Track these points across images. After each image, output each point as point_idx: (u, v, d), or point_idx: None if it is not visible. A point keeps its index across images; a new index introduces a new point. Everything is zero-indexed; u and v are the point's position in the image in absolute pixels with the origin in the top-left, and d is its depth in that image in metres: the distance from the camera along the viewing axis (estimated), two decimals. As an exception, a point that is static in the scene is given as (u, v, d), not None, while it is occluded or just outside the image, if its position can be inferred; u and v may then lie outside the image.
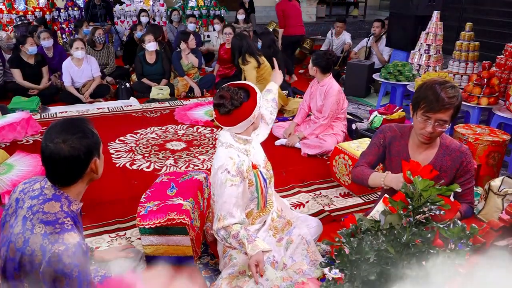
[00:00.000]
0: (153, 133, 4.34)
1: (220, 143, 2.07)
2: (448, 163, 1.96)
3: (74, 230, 1.35)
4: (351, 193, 3.14)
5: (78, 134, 1.38)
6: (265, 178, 2.14)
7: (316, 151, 3.74)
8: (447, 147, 1.97)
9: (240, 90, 1.97)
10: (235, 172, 1.97)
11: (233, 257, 2.04)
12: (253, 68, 4.81)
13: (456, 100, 1.81)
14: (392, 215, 1.17)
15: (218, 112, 1.97)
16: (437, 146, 1.99)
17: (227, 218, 1.98)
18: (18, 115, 4.03)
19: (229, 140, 2.04)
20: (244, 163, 2.02)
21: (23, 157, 3.35)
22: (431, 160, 1.99)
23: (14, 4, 8.16)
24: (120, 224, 2.70)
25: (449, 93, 1.80)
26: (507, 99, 3.70)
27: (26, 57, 5.22)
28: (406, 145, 2.05)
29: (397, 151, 2.07)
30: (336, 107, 3.76)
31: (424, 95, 1.84)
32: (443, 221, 1.18)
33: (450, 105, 1.79)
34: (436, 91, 1.80)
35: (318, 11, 11.90)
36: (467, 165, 1.96)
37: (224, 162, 1.98)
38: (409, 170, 1.43)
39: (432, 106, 1.81)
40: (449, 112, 1.81)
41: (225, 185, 1.96)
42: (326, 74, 3.79)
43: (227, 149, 2.03)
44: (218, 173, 1.98)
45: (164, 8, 9.18)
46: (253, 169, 2.07)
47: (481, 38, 5.17)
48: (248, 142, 2.07)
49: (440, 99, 1.79)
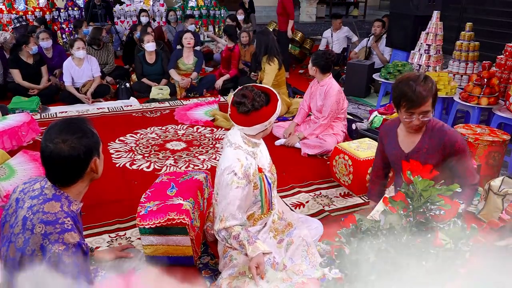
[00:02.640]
0: (153, 133, 4.34)
1: (229, 143, 2.07)
2: (433, 144, 2.07)
3: (74, 230, 1.35)
4: (351, 193, 3.14)
5: (78, 134, 1.38)
6: (270, 182, 2.14)
7: (316, 151, 3.74)
8: (431, 130, 2.09)
9: (262, 93, 1.98)
10: (241, 175, 1.98)
11: (234, 258, 2.04)
12: (274, 70, 4.67)
13: (432, 90, 1.94)
14: (392, 215, 1.17)
15: (236, 110, 1.97)
16: (423, 130, 2.11)
17: (229, 219, 1.98)
18: (19, 117, 4.01)
19: (239, 141, 2.04)
20: (252, 166, 2.03)
21: (26, 162, 3.33)
22: (416, 144, 2.12)
23: (14, 4, 8.16)
24: (120, 224, 2.70)
25: (424, 86, 1.92)
26: (507, 99, 3.70)
27: (25, 57, 5.22)
28: (395, 134, 2.21)
29: (389, 141, 2.24)
30: (336, 107, 3.76)
31: (402, 94, 1.96)
32: (443, 221, 1.18)
33: (428, 97, 1.93)
34: (412, 88, 1.92)
35: (318, 11, 11.90)
36: (454, 145, 2.04)
37: (232, 164, 1.98)
38: (409, 170, 1.43)
39: (413, 103, 1.94)
40: (429, 102, 1.94)
41: (230, 186, 1.96)
42: (326, 74, 3.79)
43: (235, 150, 2.02)
44: (225, 174, 1.98)
45: (164, 8, 9.19)
46: (259, 172, 2.07)
47: (481, 38, 5.16)
48: (256, 146, 2.08)
49: (418, 94, 1.92)
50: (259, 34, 4.91)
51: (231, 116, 2.01)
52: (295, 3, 12.40)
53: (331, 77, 3.81)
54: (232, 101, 1.99)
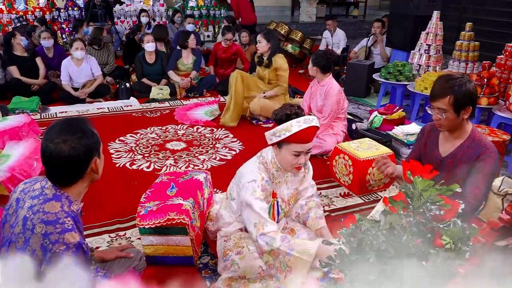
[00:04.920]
0: (153, 133, 4.34)
1: (259, 154, 2.09)
2: (469, 153, 2.05)
3: (74, 230, 1.35)
4: (351, 193, 3.14)
5: (78, 134, 1.38)
6: (279, 210, 2.14)
7: (316, 151, 3.74)
8: (473, 140, 2.07)
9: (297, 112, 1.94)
10: (261, 188, 1.98)
11: (235, 263, 2.03)
12: (287, 69, 4.61)
13: (449, 89, 1.93)
14: (392, 215, 1.17)
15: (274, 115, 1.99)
16: (465, 138, 2.09)
17: (267, 225, 1.96)
18: (20, 118, 4.00)
19: (267, 157, 2.05)
20: (269, 186, 2.03)
21: (16, 144, 3.34)
22: (454, 149, 2.11)
23: (14, 4, 8.16)
24: (120, 224, 2.70)
25: (443, 83, 1.95)
26: (507, 99, 3.70)
27: (19, 51, 5.27)
28: (437, 135, 2.21)
29: (431, 140, 2.23)
30: (336, 107, 3.76)
31: (432, 87, 2.03)
32: (443, 221, 1.18)
33: (442, 94, 1.94)
34: (436, 82, 1.98)
35: (318, 11, 11.89)
36: (485, 159, 2.01)
37: (253, 174, 1.99)
38: (409, 170, 1.43)
39: (431, 96, 2.00)
40: (445, 100, 1.94)
41: (253, 195, 1.96)
42: (326, 74, 3.79)
43: (259, 164, 2.03)
44: (245, 181, 1.99)
45: (164, 8, 9.19)
46: (272, 198, 2.07)
47: (481, 38, 5.16)
48: (280, 171, 2.06)
49: (436, 88, 1.96)
50: (271, 32, 4.78)
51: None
52: (295, 3, 12.44)
53: (331, 77, 3.81)
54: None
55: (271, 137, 1.95)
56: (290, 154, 1.94)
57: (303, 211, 2.26)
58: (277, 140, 1.93)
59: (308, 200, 2.28)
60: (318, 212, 2.25)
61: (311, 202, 2.28)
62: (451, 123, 2.02)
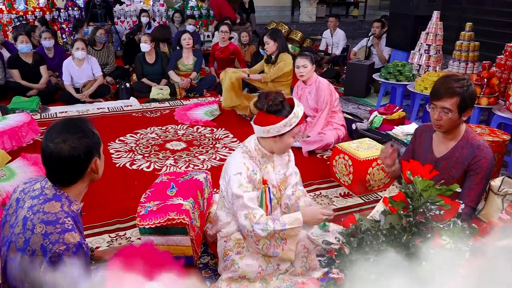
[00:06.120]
0: (153, 133, 4.34)
1: (242, 145, 2.10)
2: (464, 154, 2.05)
3: (74, 230, 1.35)
4: (351, 193, 3.14)
5: (79, 134, 1.38)
6: (271, 197, 2.14)
7: (317, 145, 3.74)
8: (467, 140, 2.07)
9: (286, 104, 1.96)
10: (247, 179, 1.99)
11: (235, 263, 2.04)
12: (289, 65, 4.57)
13: (457, 90, 1.94)
14: (392, 215, 1.17)
15: (255, 103, 1.99)
16: (459, 139, 2.10)
17: (256, 212, 1.97)
18: (19, 117, 4.01)
19: (250, 146, 2.06)
20: (257, 174, 2.03)
21: (26, 166, 3.32)
22: (449, 150, 2.11)
23: (14, 4, 8.15)
24: (120, 224, 2.70)
25: (451, 83, 1.94)
26: (507, 99, 3.70)
27: (24, 56, 5.22)
28: (431, 137, 2.21)
29: (424, 142, 2.23)
30: (330, 98, 3.83)
31: (434, 86, 2.02)
32: (443, 221, 1.18)
33: (449, 94, 1.93)
34: (442, 81, 1.98)
35: (318, 11, 11.90)
36: (480, 160, 2.01)
37: (238, 166, 2.00)
38: (409, 170, 1.43)
39: (435, 95, 1.98)
40: (451, 100, 1.94)
41: (240, 188, 1.97)
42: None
43: (243, 154, 2.04)
44: (231, 175, 2.00)
45: (164, 8, 9.18)
46: (263, 184, 2.07)
47: (481, 38, 5.17)
48: (266, 157, 2.08)
49: (441, 87, 1.96)
50: (276, 31, 4.77)
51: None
52: (295, 3, 12.44)
53: (315, 74, 3.94)
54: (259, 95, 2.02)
55: (280, 129, 1.94)
56: (291, 137, 2.00)
57: (291, 201, 2.27)
58: (290, 129, 1.94)
59: (294, 189, 2.29)
60: (307, 200, 2.27)
61: (297, 191, 2.29)
62: (452, 124, 2.02)
